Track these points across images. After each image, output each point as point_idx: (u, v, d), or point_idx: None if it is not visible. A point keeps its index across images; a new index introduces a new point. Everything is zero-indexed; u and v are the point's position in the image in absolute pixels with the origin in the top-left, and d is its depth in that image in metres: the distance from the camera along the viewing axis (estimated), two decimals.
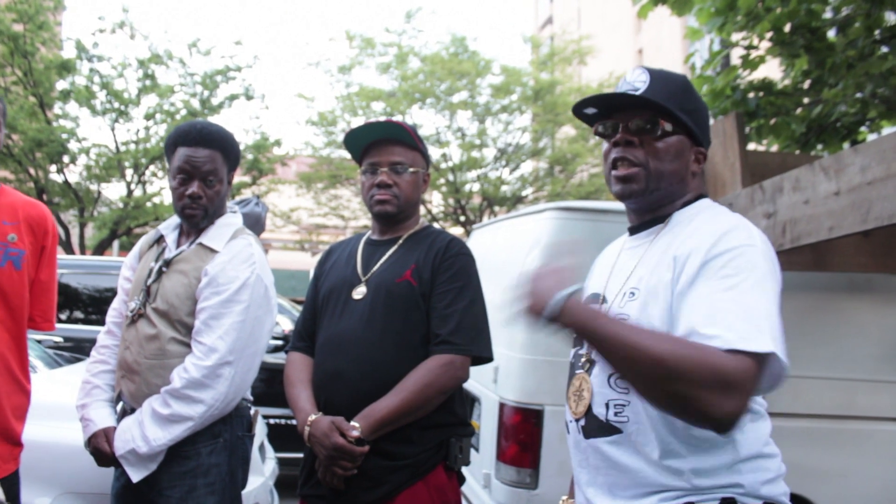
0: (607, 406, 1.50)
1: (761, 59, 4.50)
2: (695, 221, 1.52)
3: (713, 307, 1.31)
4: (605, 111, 1.61)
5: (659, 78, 1.57)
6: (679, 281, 1.40)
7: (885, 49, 4.33)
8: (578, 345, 1.65)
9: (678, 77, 1.61)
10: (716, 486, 1.40)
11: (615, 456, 1.47)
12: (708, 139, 1.64)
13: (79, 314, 6.47)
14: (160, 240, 2.52)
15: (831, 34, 4.53)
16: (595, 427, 1.52)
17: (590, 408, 1.53)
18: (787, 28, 4.35)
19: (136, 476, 2.22)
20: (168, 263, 2.39)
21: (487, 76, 19.23)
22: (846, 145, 4.64)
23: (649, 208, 1.61)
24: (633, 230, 1.67)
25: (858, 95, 4.34)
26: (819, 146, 4.72)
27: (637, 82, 1.56)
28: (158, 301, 2.33)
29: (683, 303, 1.36)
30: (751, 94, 4.41)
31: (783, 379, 1.34)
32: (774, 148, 4.77)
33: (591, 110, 1.62)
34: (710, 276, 1.35)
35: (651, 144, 1.54)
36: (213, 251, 2.37)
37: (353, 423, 2.05)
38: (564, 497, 1.79)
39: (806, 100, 4.60)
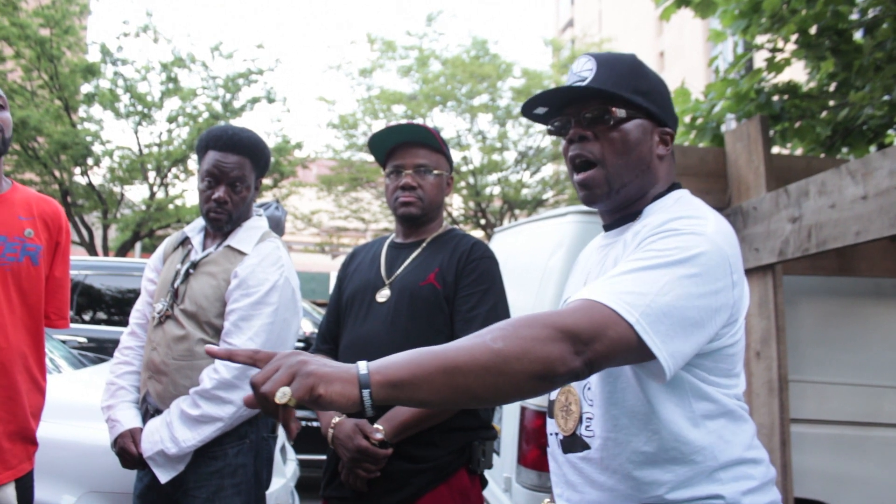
0: (580, 419, 1.42)
1: (786, 62, 4.45)
2: (659, 213, 1.43)
3: (610, 276, 1.22)
4: (556, 109, 1.51)
5: (606, 63, 1.46)
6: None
7: None
8: None
9: (626, 58, 1.51)
10: (694, 497, 1.29)
11: (588, 472, 1.40)
12: (674, 118, 1.54)
13: (102, 315, 6.54)
14: (185, 242, 2.54)
15: (858, 36, 4.47)
16: (571, 441, 1.45)
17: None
18: (813, 30, 4.30)
19: (164, 477, 2.23)
20: (195, 265, 2.41)
21: (508, 79, 19.23)
22: (872, 149, 4.59)
23: (622, 206, 1.51)
24: (607, 228, 1.58)
25: (886, 98, 4.28)
26: (844, 150, 4.66)
27: (584, 72, 1.47)
28: (187, 302, 2.34)
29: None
30: (775, 97, 4.37)
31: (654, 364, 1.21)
32: (799, 151, 4.73)
33: (541, 110, 1.52)
34: (632, 251, 1.28)
35: (606, 136, 1.44)
36: (241, 253, 2.39)
37: (376, 425, 2.05)
38: (547, 500, 1.69)
39: (832, 103, 4.54)
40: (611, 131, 1.44)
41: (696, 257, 1.23)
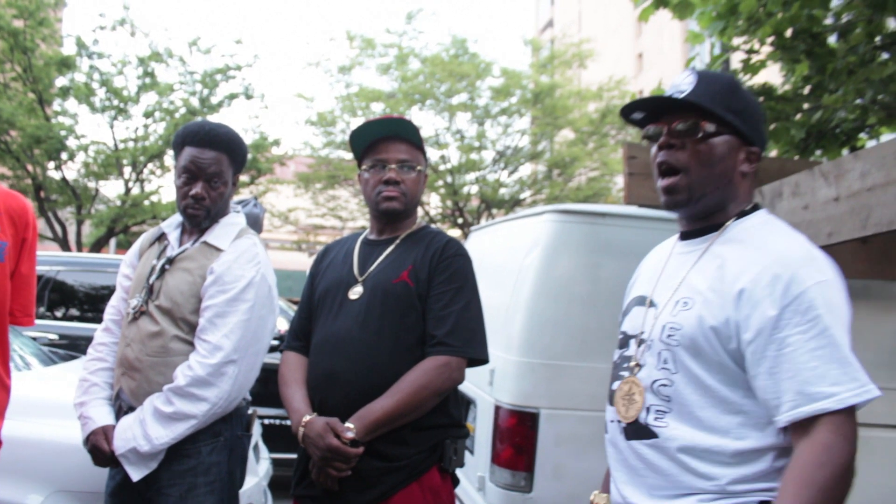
0: (648, 410, 1.54)
1: (762, 64, 4.49)
2: (755, 240, 1.52)
3: (814, 364, 1.36)
4: (653, 115, 1.63)
5: (704, 79, 1.58)
6: (751, 321, 1.42)
7: (885, 55, 4.33)
8: (624, 346, 1.67)
9: (725, 77, 1.63)
10: (752, 489, 1.43)
11: (653, 459, 1.51)
12: (762, 138, 1.64)
13: (74, 311, 6.46)
14: (161, 237, 2.52)
15: (832, 40, 4.53)
16: (635, 429, 1.55)
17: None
18: (789, 33, 4.35)
19: (136, 475, 2.20)
20: (171, 261, 2.38)
21: (487, 78, 19.27)
22: (845, 151, 4.64)
23: (701, 215, 1.62)
24: (685, 235, 1.68)
25: (858, 101, 4.33)
26: (818, 152, 4.71)
27: (683, 85, 1.58)
28: (162, 298, 2.32)
29: (781, 361, 1.39)
30: None
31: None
32: (773, 153, 4.77)
33: (639, 115, 1.65)
34: (797, 325, 1.39)
35: (694, 147, 1.56)
36: (218, 250, 2.37)
37: (347, 424, 2.03)
38: (596, 492, 1.79)
39: (806, 105, 4.59)
40: (699, 143, 1.56)
41: (845, 315, 1.42)
